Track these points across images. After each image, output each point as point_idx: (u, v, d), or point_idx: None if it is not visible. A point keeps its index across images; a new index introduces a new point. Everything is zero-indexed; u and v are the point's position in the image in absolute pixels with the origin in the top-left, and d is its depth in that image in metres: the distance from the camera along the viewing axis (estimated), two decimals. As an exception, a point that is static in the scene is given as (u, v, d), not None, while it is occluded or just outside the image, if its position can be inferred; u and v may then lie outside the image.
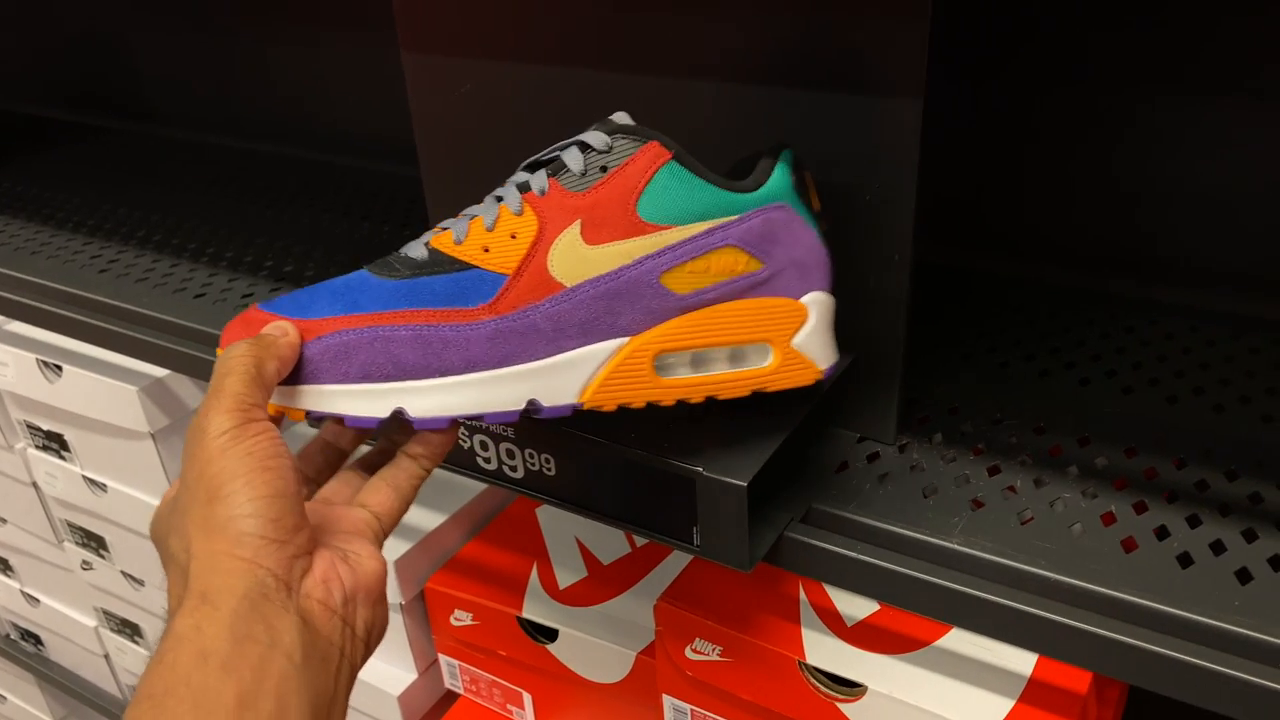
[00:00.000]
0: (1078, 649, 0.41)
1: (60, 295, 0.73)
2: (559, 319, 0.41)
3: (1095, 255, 0.64)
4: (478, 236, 0.41)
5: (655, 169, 0.41)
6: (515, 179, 0.43)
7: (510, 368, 0.40)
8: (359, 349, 0.39)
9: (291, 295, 0.42)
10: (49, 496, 0.97)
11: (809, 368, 0.44)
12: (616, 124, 0.42)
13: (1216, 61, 0.56)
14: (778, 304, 0.43)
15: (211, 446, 0.35)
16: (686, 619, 0.58)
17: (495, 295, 0.40)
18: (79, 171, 0.98)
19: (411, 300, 0.40)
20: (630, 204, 0.41)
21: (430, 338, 0.40)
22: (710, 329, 0.42)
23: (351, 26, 0.88)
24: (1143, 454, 0.49)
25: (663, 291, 0.41)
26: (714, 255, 0.42)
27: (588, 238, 0.41)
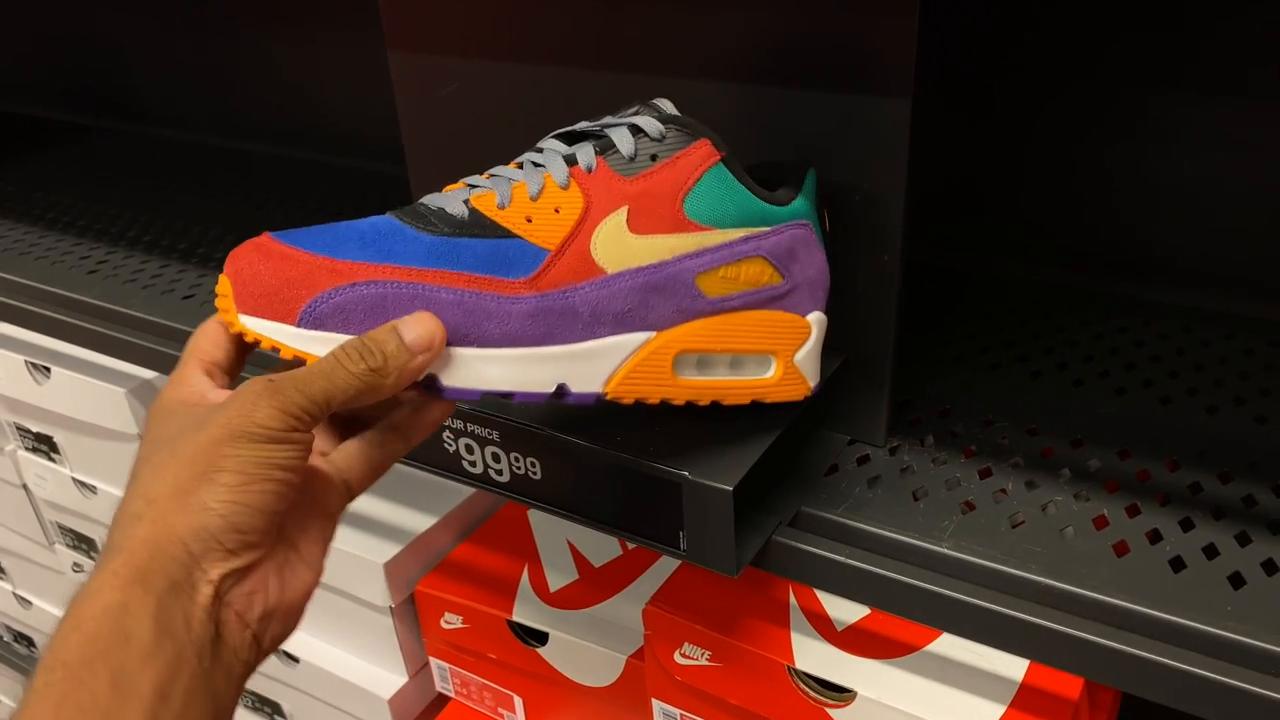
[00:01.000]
0: (1069, 655, 0.41)
1: (49, 296, 0.72)
2: (598, 305, 0.40)
3: (1089, 255, 0.64)
4: (521, 204, 0.40)
5: (705, 168, 0.41)
6: (554, 147, 0.42)
7: (546, 348, 0.39)
8: (397, 305, 0.37)
9: (310, 231, 0.39)
10: (39, 498, 0.96)
11: (802, 383, 0.45)
12: (668, 113, 0.42)
13: (1213, 62, 0.56)
14: (788, 319, 0.44)
15: (244, 429, 0.33)
16: (675, 623, 0.58)
17: (537, 270, 0.39)
18: (69, 171, 0.97)
19: (452, 261, 0.38)
20: (678, 199, 0.41)
21: (473, 305, 0.38)
22: (729, 334, 0.43)
23: (345, 26, 0.88)
24: (1136, 456, 0.49)
25: (695, 292, 0.41)
26: (745, 263, 0.42)
27: (633, 226, 0.40)
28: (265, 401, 0.34)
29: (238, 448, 0.33)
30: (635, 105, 0.43)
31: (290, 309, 0.37)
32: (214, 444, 0.33)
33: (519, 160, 0.42)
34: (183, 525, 0.32)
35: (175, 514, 0.32)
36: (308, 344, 0.37)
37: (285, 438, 0.34)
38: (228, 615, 0.34)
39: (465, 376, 0.38)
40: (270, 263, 0.37)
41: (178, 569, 0.32)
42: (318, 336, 0.37)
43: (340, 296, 0.36)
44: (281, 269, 0.37)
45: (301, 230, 0.39)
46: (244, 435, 0.33)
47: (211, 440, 0.33)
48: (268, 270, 0.37)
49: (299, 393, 0.34)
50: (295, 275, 0.37)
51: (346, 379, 0.35)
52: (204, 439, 0.33)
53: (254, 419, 0.33)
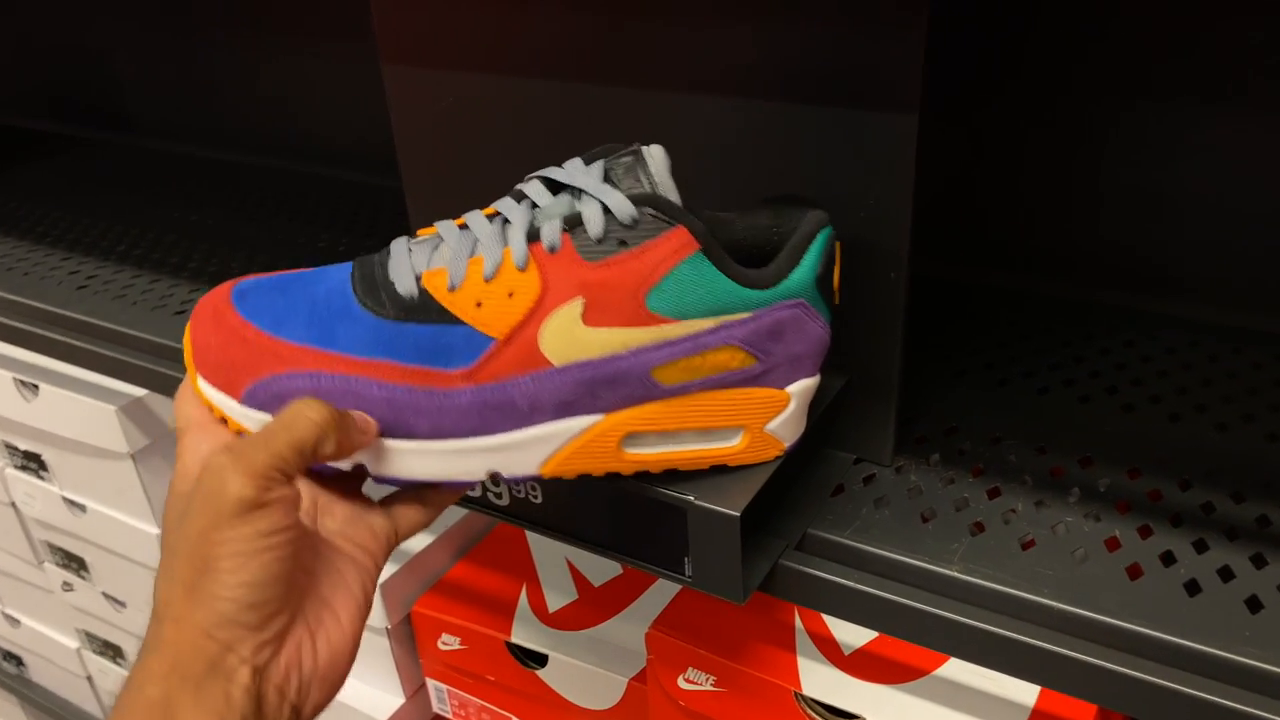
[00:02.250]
0: (1081, 681, 0.40)
1: (37, 313, 0.71)
2: (538, 398, 0.38)
3: (1094, 269, 0.63)
4: (474, 286, 0.38)
5: (676, 261, 0.38)
6: (534, 195, 0.40)
7: (479, 438, 0.38)
8: (329, 397, 0.37)
9: (267, 290, 0.39)
10: (28, 517, 0.95)
11: (775, 446, 0.43)
12: (643, 191, 0.38)
13: (1220, 73, 0.55)
14: (762, 394, 0.41)
15: (222, 509, 0.33)
16: (678, 648, 0.57)
17: (478, 360, 0.37)
18: (56, 184, 0.96)
19: (390, 350, 0.37)
20: (640, 294, 0.38)
21: (402, 403, 0.37)
22: (687, 415, 0.40)
23: (334, 37, 0.87)
24: (1146, 475, 0.48)
25: (649, 383, 0.39)
26: (712, 353, 0.39)
27: (588, 318, 0.38)
28: (232, 473, 0.33)
29: (223, 531, 0.33)
30: (630, 150, 0.40)
31: (235, 386, 0.38)
32: (201, 535, 0.33)
33: (496, 208, 0.40)
34: (202, 619, 0.33)
35: (192, 611, 0.33)
36: (249, 422, 0.38)
37: (264, 500, 0.34)
38: (267, 690, 0.34)
39: (390, 466, 0.38)
40: (221, 335, 0.38)
41: (211, 657, 0.33)
42: (259, 418, 0.37)
43: (278, 385, 0.37)
44: (229, 346, 0.38)
45: (261, 285, 0.39)
46: (223, 515, 0.33)
47: (198, 531, 0.33)
48: (218, 343, 0.38)
49: (264, 451, 0.34)
50: (240, 357, 0.38)
51: (306, 426, 0.35)
52: (192, 532, 0.33)
53: (227, 495, 0.33)
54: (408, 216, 0.59)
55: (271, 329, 0.38)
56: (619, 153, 0.40)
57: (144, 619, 0.94)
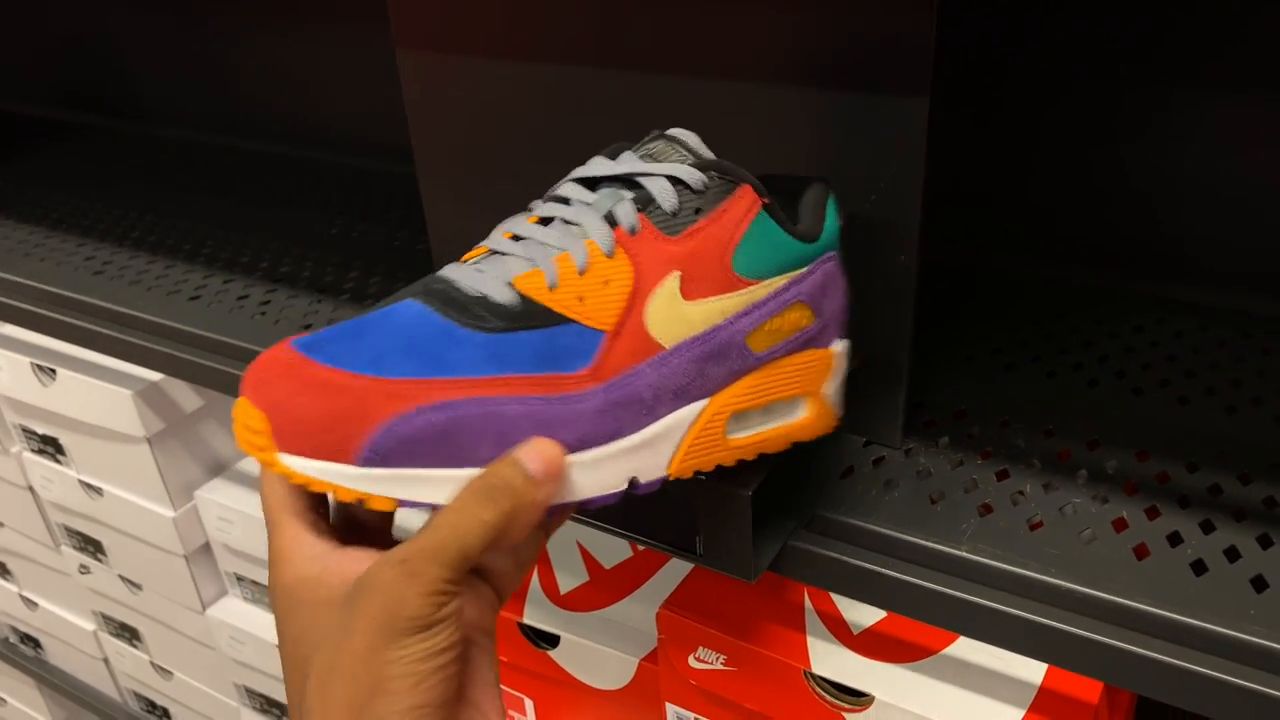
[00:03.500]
0: (1088, 659, 0.40)
1: (53, 298, 0.72)
2: (660, 385, 0.36)
3: (1102, 254, 0.63)
4: (571, 281, 0.36)
5: (751, 218, 0.38)
6: (579, 198, 0.38)
7: (616, 443, 0.36)
8: (469, 428, 0.33)
9: (336, 335, 0.35)
10: (45, 500, 0.96)
11: (832, 414, 0.43)
12: (705, 157, 0.38)
13: (1230, 57, 0.55)
14: (818, 355, 0.41)
15: (396, 628, 0.31)
16: (689, 627, 0.57)
17: (596, 357, 0.35)
18: (72, 171, 0.97)
19: (506, 363, 0.34)
20: (727, 256, 0.37)
21: (543, 415, 0.34)
22: (771, 386, 0.40)
23: (346, 23, 0.87)
24: (1154, 457, 0.48)
25: (746, 351, 0.38)
26: (788, 312, 0.39)
27: (686, 292, 0.37)
28: (407, 590, 0.31)
29: (396, 650, 0.31)
30: (653, 136, 0.39)
31: (345, 447, 0.32)
32: (372, 652, 0.31)
33: (539, 215, 0.38)
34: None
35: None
36: (372, 485, 0.33)
37: (439, 618, 0.31)
38: None
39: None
40: (312, 393, 0.33)
41: None
42: (384, 475, 0.33)
43: (405, 427, 0.33)
44: (327, 401, 0.33)
45: (328, 335, 0.35)
46: (398, 634, 0.31)
47: (368, 648, 0.31)
48: (311, 403, 0.33)
49: (437, 565, 0.31)
50: (345, 407, 0.32)
51: (481, 531, 0.32)
52: (359, 648, 0.31)
53: (403, 614, 0.31)
54: (421, 202, 0.59)
55: (373, 370, 0.33)
56: (643, 141, 0.40)
57: (159, 601, 0.95)
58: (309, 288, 0.70)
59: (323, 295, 0.68)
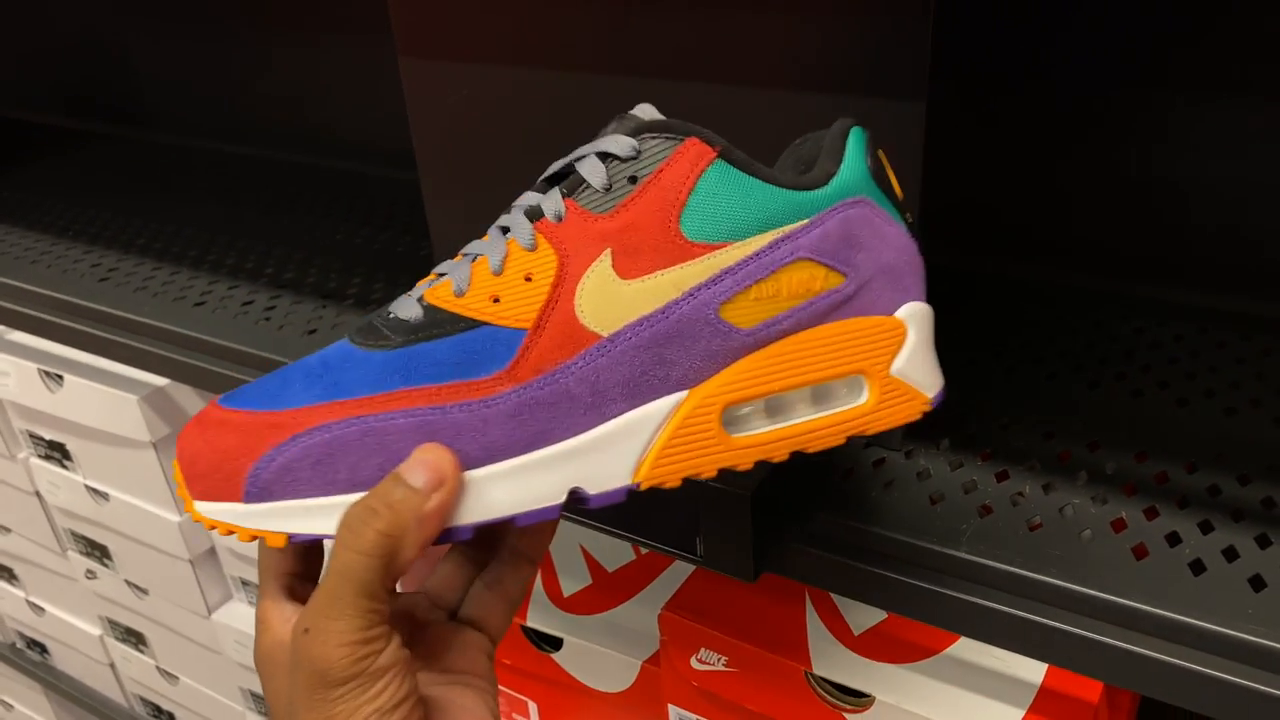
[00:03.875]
0: (1088, 659, 0.41)
1: (60, 304, 0.73)
2: (597, 379, 0.32)
3: (1102, 256, 0.64)
4: (484, 283, 0.33)
5: (699, 172, 0.33)
6: (522, 203, 0.35)
7: (544, 450, 0.32)
8: (347, 448, 0.31)
9: (258, 382, 0.34)
10: (52, 506, 0.97)
11: (915, 397, 0.37)
12: (641, 120, 0.34)
13: (1230, 59, 0.56)
14: (868, 324, 0.35)
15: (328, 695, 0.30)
16: (691, 629, 0.58)
17: (514, 357, 0.32)
18: (77, 178, 0.97)
19: (408, 376, 0.32)
20: (672, 221, 0.33)
21: (437, 424, 0.31)
22: (788, 367, 0.34)
23: (350, 30, 0.88)
24: (1153, 458, 0.48)
25: (724, 328, 0.33)
26: (784, 274, 0.33)
27: (622, 270, 0.32)
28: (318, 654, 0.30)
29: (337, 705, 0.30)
30: (611, 121, 0.35)
31: (233, 484, 0.31)
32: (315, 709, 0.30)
33: (489, 229, 0.36)
34: None
35: None
36: (261, 521, 0.31)
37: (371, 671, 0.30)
38: None
39: (453, 512, 0.32)
40: (207, 435, 0.32)
41: None
42: (270, 510, 0.31)
43: (282, 455, 0.31)
44: (218, 440, 0.32)
45: (253, 384, 0.34)
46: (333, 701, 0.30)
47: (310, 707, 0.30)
48: (205, 444, 0.32)
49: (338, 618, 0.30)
50: (232, 443, 0.32)
51: (365, 563, 0.30)
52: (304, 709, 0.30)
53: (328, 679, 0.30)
54: (423, 208, 0.60)
55: (266, 405, 0.32)
56: (599, 131, 0.36)
57: (165, 606, 0.95)
58: (313, 293, 0.70)
59: (327, 301, 0.69)
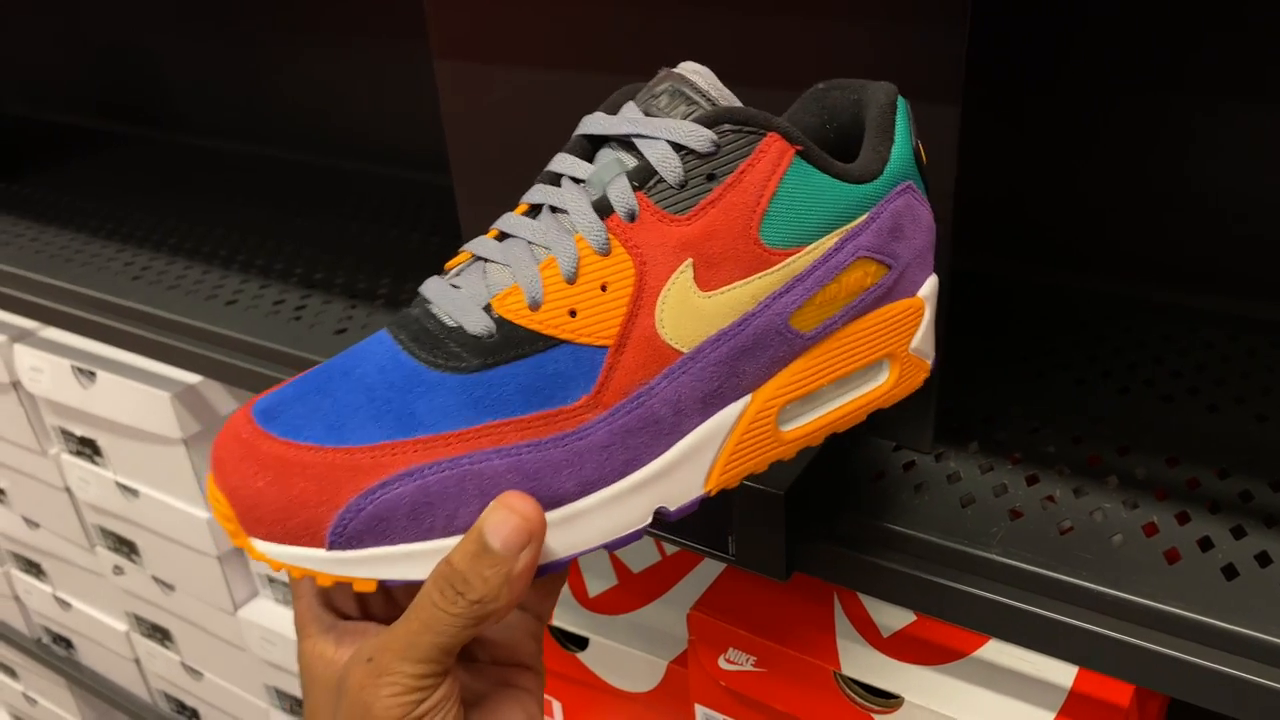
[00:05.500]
0: (1120, 661, 0.41)
1: (93, 302, 0.74)
2: (679, 398, 0.31)
3: (1131, 262, 0.64)
4: (558, 294, 0.30)
5: (781, 173, 0.31)
6: (570, 172, 0.32)
7: (632, 476, 0.31)
8: (445, 495, 0.29)
9: (299, 392, 0.31)
10: (81, 501, 0.97)
11: (922, 368, 0.37)
12: (708, 101, 0.31)
13: (1261, 66, 0.56)
14: (900, 309, 0.35)
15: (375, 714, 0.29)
16: (720, 629, 0.58)
17: (599, 379, 0.30)
18: (110, 179, 0.99)
19: (493, 407, 0.29)
20: (753, 228, 0.31)
21: (533, 464, 0.29)
22: (836, 362, 0.34)
23: (379, 33, 0.89)
24: (1184, 463, 0.48)
25: (790, 335, 0.32)
26: (844, 275, 0.32)
27: (702, 282, 0.30)
28: (373, 695, 0.29)
29: None
30: (660, 78, 0.32)
31: (312, 531, 0.29)
32: None
33: (531, 202, 0.33)
34: None
35: None
36: (347, 568, 0.29)
37: (416, 716, 0.29)
38: None
39: (548, 550, 0.30)
40: (269, 475, 0.29)
41: None
42: (360, 556, 0.29)
43: (372, 505, 0.29)
44: (286, 483, 0.29)
45: (289, 395, 0.31)
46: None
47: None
48: (269, 487, 0.29)
49: (409, 662, 0.29)
50: (304, 489, 0.29)
51: (452, 624, 0.29)
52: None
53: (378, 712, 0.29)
54: (454, 211, 0.60)
55: (333, 439, 0.29)
56: (644, 89, 0.33)
57: (191, 602, 0.96)
58: (343, 293, 0.71)
59: (356, 301, 0.70)
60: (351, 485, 0.29)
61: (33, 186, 0.98)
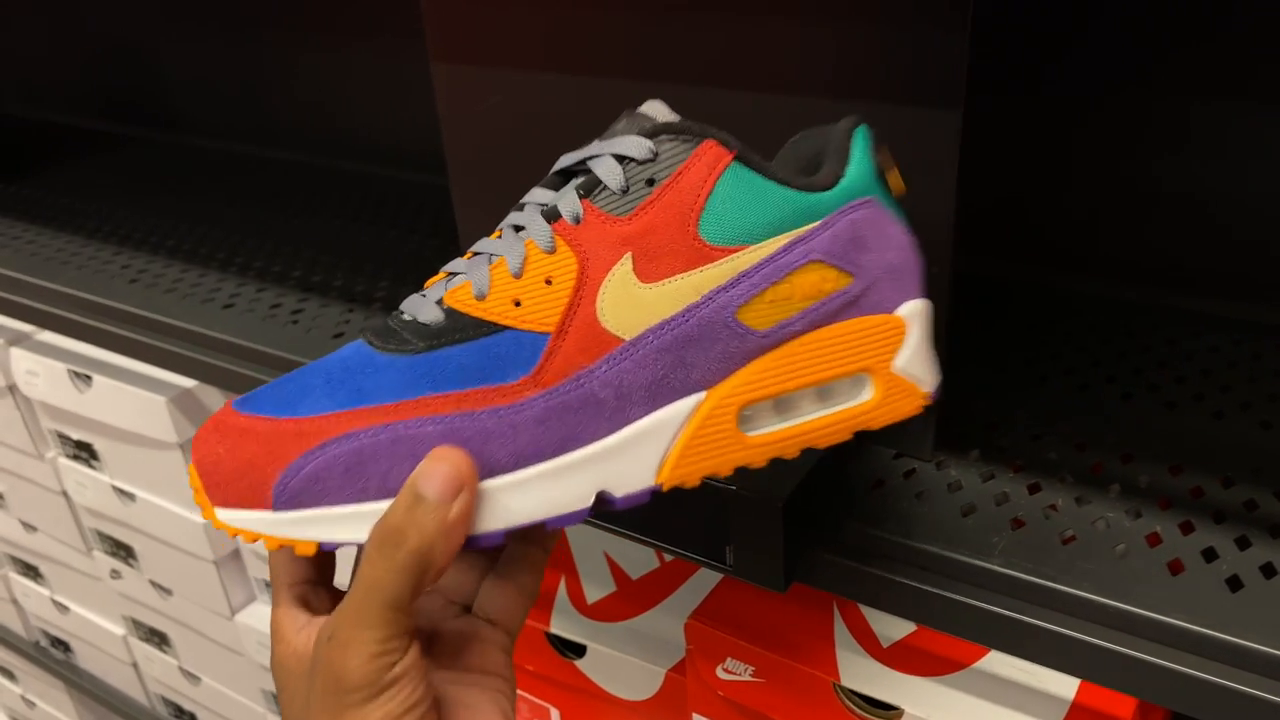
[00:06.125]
0: (1122, 674, 0.40)
1: (90, 305, 0.73)
2: (621, 383, 0.33)
3: (1136, 267, 0.63)
4: (504, 286, 0.33)
5: (716, 176, 0.33)
6: (534, 199, 0.35)
7: (570, 454, 0.33)
8: (377, 456, 0.31)
9: (273, 386, 0.34)
10: (79, 505, 0.97)
11: (914, 393, 0.37)
12: (655, 121, 0.35)
13: (1261, 68, 0.55)
14: (873, 323, 0.36)
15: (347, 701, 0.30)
16: (718, 638, 0.57)
17: (539, 362, 0.32)
18: (108, 180, 0.98)
19: (433, 382, 0.32)
20: (690, 224, 0.33)
21: (466, 431, 0.32)
22: (799, 367, 0.35)
23: (378, 35, 0.88)
24: (1188, 471, 0.48)
25: (741, 330, 0.34)
26: (797, 276, 0.34)
27: (643, 274, 0.33)
28: (342, 664, 0.30)
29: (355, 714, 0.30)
30: (621, 118, 0.36)
31: (260, 492, 0.32)
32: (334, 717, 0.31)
33: (501, 226, 0.36)
34: None
35: None
36: (291, 529, 0.31)
37: (390, 680, 0.30)
38: None
39: (484, 520, 0.32)
40: (228, 442, 0.32)
41: None
42: (300, 517, 0.31)
43: (310, 465, 0.31)
44: (240, 447, 0.32)
45: (267, 387, 0.34)
46: (349, 708, 0.30)
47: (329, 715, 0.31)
48: (226, 451, 0.32)
49: (366, 628, 0.30)
50: (256, 452, 0.32)
51: (395, 578, 0.30)
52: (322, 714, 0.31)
53: (346, 688, 0.30)
54: (452, 212, 0.60)
55: (288, 411, 0.32)
56: (611, 126, 0.36)
57: (189, 607, 0.95)
58: (341, 297, 0.70)
59: (354, 304, 0.69)
60: (296, 447, 0.32)
61: (31, 188, 0.98)
